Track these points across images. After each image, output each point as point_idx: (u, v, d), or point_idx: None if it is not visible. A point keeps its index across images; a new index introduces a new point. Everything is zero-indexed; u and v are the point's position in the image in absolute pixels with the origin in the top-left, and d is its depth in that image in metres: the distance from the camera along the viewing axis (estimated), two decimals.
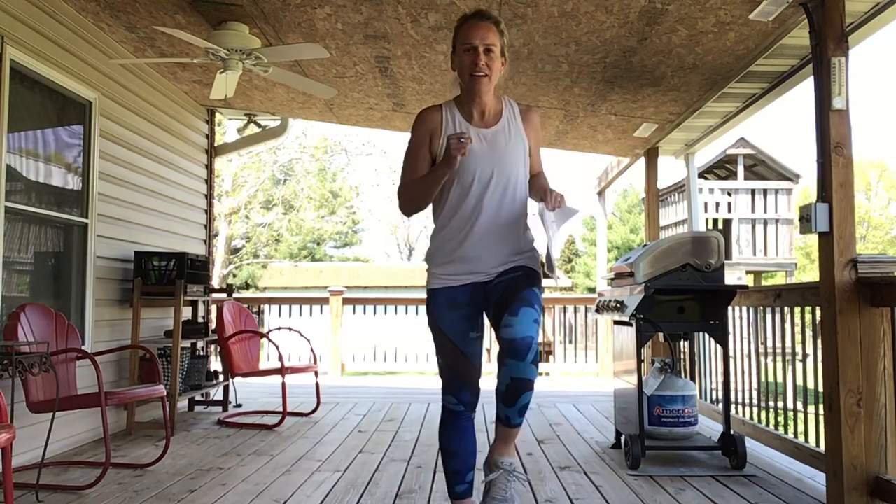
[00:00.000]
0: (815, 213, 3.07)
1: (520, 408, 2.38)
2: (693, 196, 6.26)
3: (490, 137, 2.56)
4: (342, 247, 31.19)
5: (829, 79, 3.06)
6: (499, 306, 2.48)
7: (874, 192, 36.25)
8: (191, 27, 4.53)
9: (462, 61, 2.54)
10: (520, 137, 2.60)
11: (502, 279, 2.54)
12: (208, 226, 6.75)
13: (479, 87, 2.53)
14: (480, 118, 2.59)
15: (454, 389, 2.60)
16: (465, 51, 2.53)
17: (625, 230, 29.68)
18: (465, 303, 2.56)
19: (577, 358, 9.09)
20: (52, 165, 4.46)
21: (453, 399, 2.60)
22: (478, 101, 2.57)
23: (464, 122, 2.58)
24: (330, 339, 8.70)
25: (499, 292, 2.52)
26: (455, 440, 2.64)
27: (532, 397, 2.39)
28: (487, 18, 2.54)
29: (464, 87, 2.60)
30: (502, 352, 2.37)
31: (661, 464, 3.98)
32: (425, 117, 2.62)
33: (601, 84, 4.94)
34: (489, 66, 2.51)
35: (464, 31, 2.54)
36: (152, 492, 3.44)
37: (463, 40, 2.53)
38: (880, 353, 3.01)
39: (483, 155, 2.54)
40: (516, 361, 2.32)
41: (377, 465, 4.04)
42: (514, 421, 2.42)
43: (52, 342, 3.87)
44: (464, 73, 2.55)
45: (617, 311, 4.21)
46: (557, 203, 2.52)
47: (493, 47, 2.51)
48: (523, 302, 2.40)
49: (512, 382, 2.34)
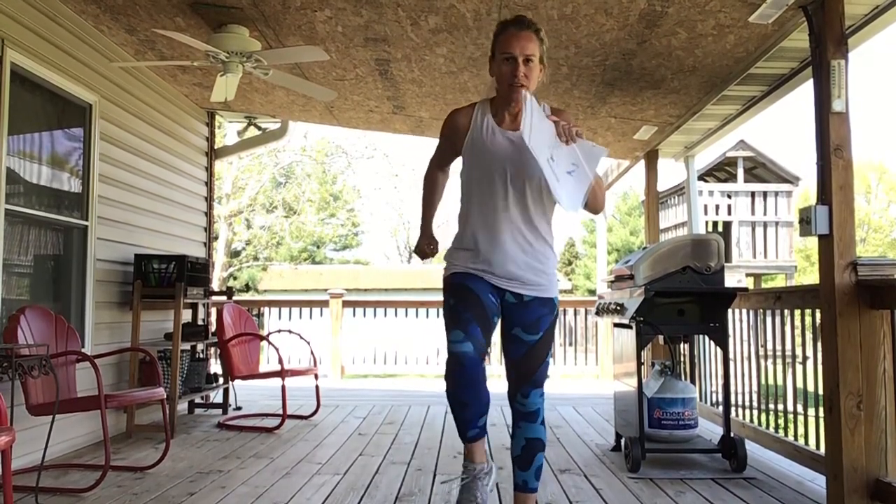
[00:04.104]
0: (814, 215, 3.07)
1: (535, 470, 2.64)
2: (693, 199, 6.26)
3: (518, 140, 2.54)
4: (342, 249, 31.18)
5: (829, 81, 3.06)
6: (515, 373, 2.62)
7: (874, 194, 36.25)
8: (191, 30, 4.53)
9: (501, 70, 2.54)
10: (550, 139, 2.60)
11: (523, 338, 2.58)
12: (208, 228, 6.75)
13: (516, 97, 2.52)
14: (512, 121, 2.59)
15: (463, 322, 2.45)
16: (504, 60, 2.52)
17: (625, 232, 29.67)
18: (489, 289, 2.57)
19: (577, 360, 9.09)
20: (53, 168, 4.47)
21: (461, 333, 2.43)
22: (512, 107, 2.58)
23: (493, 123, 2.60)
24: (330, 341, 8.69)
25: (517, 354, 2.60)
26: (467, 391, 2.49)
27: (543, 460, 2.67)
28: (528, 27, 2.53)
29: (500, 94, 2.60)
30: (515, 418, 2.66)
31: (662, 466, 3.97)
32: (453, 120, 2.69)
33: (601, 87, 4.94)
34: (528, 76, 2.51)
35: (504, 39, 2.53)
36: (152, 494, 3.44)
37: (503, 49, 2.52)
38: (880, 356, 3.01)
39: (509, 157, 2.54)
40: (529, 424, 2.62)
41: (377, 467, 4.04)
42: (531, 485, 2.66)
43: (51, 345, 3.87)
44: (502, 83, 2.55)
45: (617, 314, 4.21)
46: (566, 132, 2.40)
47: (533, 57, 2.51)
48: (534, 384, 2.61)
49: (527, 444, 2.62)
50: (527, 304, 2.58)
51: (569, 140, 2.41)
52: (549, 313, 2.61)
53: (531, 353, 2.58)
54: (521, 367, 2.60)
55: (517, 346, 2.60)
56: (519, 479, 2.65)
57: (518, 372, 2.61)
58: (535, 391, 2.60)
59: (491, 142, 2.57)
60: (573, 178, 2.45)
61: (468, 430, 2.59)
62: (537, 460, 2.63)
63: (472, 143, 2.59)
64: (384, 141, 27.68)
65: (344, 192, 25.50)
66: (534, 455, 2.63)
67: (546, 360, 2.62)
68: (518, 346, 2.60)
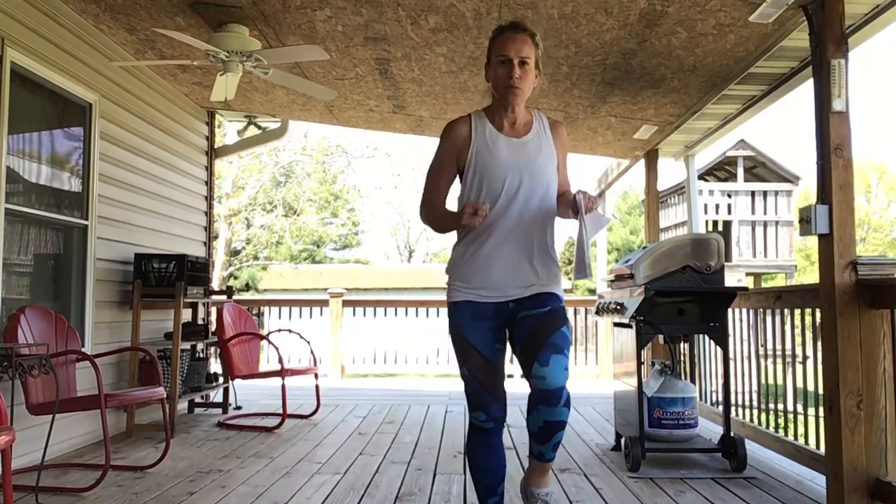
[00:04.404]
0: (814, 214, 3.07)
1: (553, 444, 2.48)
2: (693, 198, 6.25)
3: (520, 147, 2.54)
4: (342, 249, 31.18)
5: (829, 81, 3.06)
6: (527, 347, 2.46)
7: (874, 194, 36.25)
8: (191, 29, 4.53)
9: (497, 73, 2.52)
10: (549, 149, 2.58)
11: (529, 314, 2.49)
12: (208, 228, 6.75)
13: (513, 100, 2.51)
14: (511, 128, 2.58)
15: (482, 404, 2.53)
16: (500, 63, 2.51)
17: (625, 232, 29.67)
18: (489, 316, 2.53)
19: (577, 360, 9.08)
20: (53, 167, 4.47)
21: (482, 415, 2.54)
22: (509, 113, 2.56)
23: (494, 131, 2.57)
24: (330, 341, 8.70)
25: (525, 330, 2.49)
26: (485, 458, 2.61)
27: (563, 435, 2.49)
28: (523, 31, 2.53)
29: (496, 98, 2.58)
30: (534, 398, 2.41)
31: (661, 466, 3.98)
32: (452, 132, 2.59)
33: (601, 86, 4.94)
34: (523, 78, 2.50)
35: (499, 42, 2.53)
36: (152, 494, 3.44)
37: (498, 52, 2.51)
38: (880, 355, 3.01)
39: (512, 164, 2.52)
40: (549, 408, 2.39)
41: (377, 467, 4.04)
42: (547, 456, 2.51)
43: (51, 344, 3.87)
44: (498, 85, 2.53)
45: (617, 313, 4.21)
46: (592, 203, 2.46)
47: (528, 60, 2.50)
48: (553, 349, 2.39)
49: (545, 425, 2.42)
50: (529, 296, 2.53)
51: (588, 210, 2.45)
52: (556, 301, 2.53)
53: (541, 321, 2.46)
54: (534, 335, 2.44)
55: (525, 322, 2.49)
56: (536, 449, 2.51)
57: (531, 343, 2.44)
58: (554, 357, 2.36)
59: (495, 150, 2.54)
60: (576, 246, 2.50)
61: (489, 497, 2.61)
62: (557, 437, 2.46)
63: (477, 152, 2.55)
64: (385, 140, 27.64)
65: (344, 192, 25.50)
66: (554, 433, 2.44)
67: (561, 328, 2.44)
68: (526, 322, 2.49)
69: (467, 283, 2.55)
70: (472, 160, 2.55)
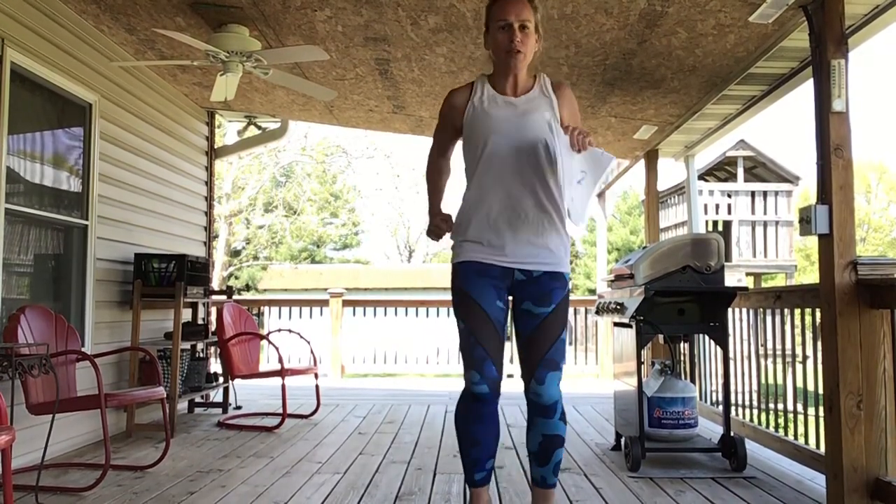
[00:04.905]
0: (814, 214, 3.07)
1: (554, 466, 2.52)
2: (693, 198, 6.26)
3: (520, 106, 2.53)
4: (342, 249, 31.18)
5: (829, 81, 3.06)
6: (527, 351, 2.49)
7: (874, 194, 36.25)
8: (191, 29, 4.53)
9: (497, 39, 2.50)
10: (550, 108, 2.56)
11: (534, 311, 2.49)
12: (208, 228, 6.75)
13: (514, 64, 2.50)
14: (512, 90, 2.57)
15: (478, 362, 2.46)
16: (499, 28, 2.49)
17: (625, 232, 29.66)
18: (495, 276, 2.51)
19: (577, 360, 9.08)
20: (53, 168, 4.47)
21: (477, 375, 2.47)
22: (511, 78, 2.55)
23: (493, 92, 2.57)
24: (330, 340, 8.70)
25: (528, 329, 2.49)
26: (479, 429, 2.54)
27: (563, 455, 2.54)
28: None
29: (498, 64, 2.57)
30: (531, 412, 2.53)
31: (661, 466, 3.98)
32: (451, 98, 2.65)
33: (601, 86, 4.94)
34: (524, 42, 2.48)
35: (497, 7, 2.50)
36: (152, 493, 3.44)
37: (497, 17, 2.49)
38: (880, 355, 3.01)
39: (511, 124, 2.51)
40: (546, 420, 2.49)
41: (377, 466, 4.04)
42: (549, 481, 2.54)
43: (51, 344, 3.87)
44: (499, 51, 2.51)
45: (617, 313, 4.21)
46: (579, 141, 2.37)
47: (528, 23, 2.48)
48: (550, 366, 2.47)
49: (544, 440, 2.48)
50: (536, 279, 2.51)
51: (580, 149, 2.38)
52: (561, 288, 2.52)
53: (543, 325, 2.47)
54: (534, 344, 2.47)
55: (528, 320, 2.50)
56: (537, 474, 2.54)
57: (530, 350, 2.48)
58: (550, 375, 2.45)
59: (494, 110, 2.53)
60: (580, 189, 2.41)
61: (476, 471, 2.56)
62: (556, 456, 2.51)
63: (474, 114, 2.54)
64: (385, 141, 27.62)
65: (344, 192, 25.51)
66: (553, 451, 2.50)
67: (561, 337, 2.48)
68: (529, 320, 2.50)
69: (472, 247, 2.53)
70: (469, 122, 2.57)
